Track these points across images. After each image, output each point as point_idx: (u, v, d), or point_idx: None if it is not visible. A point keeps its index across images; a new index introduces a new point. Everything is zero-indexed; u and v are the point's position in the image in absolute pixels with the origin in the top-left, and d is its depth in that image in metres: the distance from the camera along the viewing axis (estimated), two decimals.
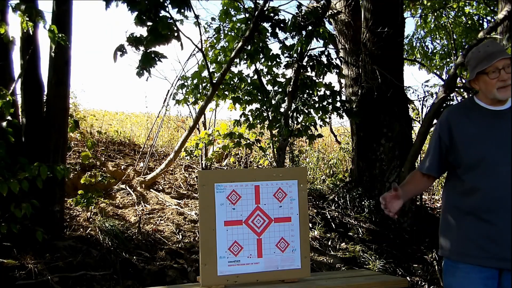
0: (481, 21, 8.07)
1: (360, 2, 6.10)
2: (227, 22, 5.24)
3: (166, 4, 3.81)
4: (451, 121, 2.05)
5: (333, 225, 5.10)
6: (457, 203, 2.03)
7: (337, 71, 5.08)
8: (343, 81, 6.62)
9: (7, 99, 3.01)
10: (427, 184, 2.22)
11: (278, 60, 5.05)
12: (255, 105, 5.33)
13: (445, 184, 2.18)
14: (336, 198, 5.66)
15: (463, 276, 1.98)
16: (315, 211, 5.30)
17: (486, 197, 1.92)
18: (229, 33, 5.12)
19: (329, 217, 5.24)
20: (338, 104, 5.14)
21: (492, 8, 7.55)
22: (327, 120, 5.46)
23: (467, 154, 1.99)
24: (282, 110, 4.87)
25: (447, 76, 6.21)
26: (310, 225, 4.89)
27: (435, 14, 8.08)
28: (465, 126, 2.02)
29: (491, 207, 1.91)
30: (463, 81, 7.34)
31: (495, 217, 1.90)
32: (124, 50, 3.80)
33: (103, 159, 5.57)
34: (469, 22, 8.13)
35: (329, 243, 4.75)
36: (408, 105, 6.08)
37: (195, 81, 5.35)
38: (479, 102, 2.05)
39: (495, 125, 1.97)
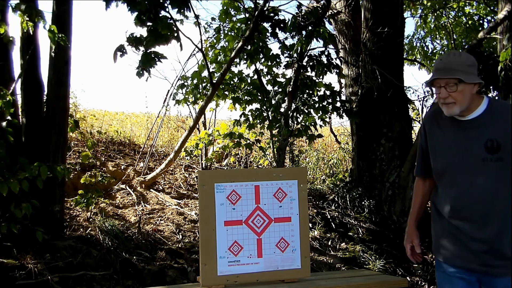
0: (481, 21, 8.07)
1: (360, 2, 6.10)
2: (227, 22, 5.24)
3: (166, 4, 3.81)
4: (426, 128, 2.11)
5: (333, 225, 5.10)
6: (438, 205, 2.09)
7: (337, 71, 5.08)
8: (343, 81, 6.62)
9: (7, 99, 3.01)
10: (427, 187, 2.24)
11: (278, 60, 5.06)
12: (255, 105, 5.33)
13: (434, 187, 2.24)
14: (336, 198, 5.66)
15: (442, 271, 2.09)
16: (315, 211, 5.30)
17: (453, 206, 1.97)
18: (229, 33, 5.12)
19: (329, 217, 5.24)
20: (338, 104, 5.15)
21: (492, 8, 7.55)
22: (327, 120, 5.46)
23: (435, 162, 2.05)
24: (282, 110, 4.87)
25: None
26: (310, 225, 4.89)
27: (435, 14, 8.08)
28: (435, 134, 2.06)
29: (459, 215, 1.96)
30: None
31: (463, 225, 1.95)
32: (124, 50, 3.80)
33: (103, 159, 5.57)
34: (469, 22, 8.14)
35: (329, 243, 4.75)
36: (408, 105, 6.07)
37: (195, 81, 5.35)
38: None
39: (460, 135, 1.97)
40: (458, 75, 1.87)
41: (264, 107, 5.06)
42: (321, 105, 5.05)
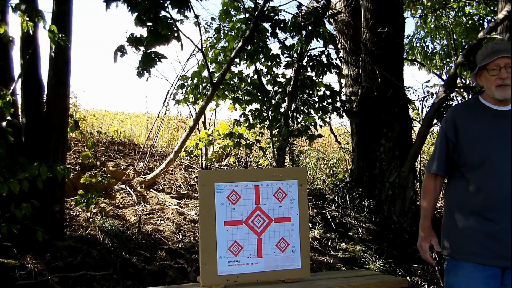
0: (481, 21, 8.06)
1: (360, 2, 6.10)
2: (227, 22, 5.24)
3: (166, 4, 3.81)
4: (456, 120, 2.06)
5: (333, 225, 5.10)
6: (461, 202, 2.04)
7: (337, 71, 5.07)
8: (343, 81, 6.62)
9: (7, 99, 3.01)
10: (440, 185, 2.21)
11: (278, 60, 5.05)
12: (255, 105, 5.33)
13: (447, 184, 2.18)
14: (336, 198, 5.66)
15: (466, 275, 1.99)
16: (315, 211, 5.30)
17: (490, 197, 1.93)
18: (229, 33, 5.12)
19: (329, 217, 5.23)
20: (338, 104, 5.14)
21: (492, 8, 7.54)
22: (327, 120, 5.46)
23: (471, 153, 2.00)
24: (282, 110, 4.87)
25: (447, 76, 6.21)
26: (310, 225, 4.89)
27: (435, 14, 8.08)
28: (470, 125, 2.03)
29: (494, 206, 1.92)
30: (463, 81, 7.34)
31: (498, 217, 1.92)
32: (124, 51, 3.80)
33: (103, 159, 5.57)
34: (469, 22, 8.13)
35: (329, 243, 4.75)
36: (408, 105, 6.07)
37: (195, 81, 5.35)
38: (484, 101, 2.06)
39: (499, 125, 1.97)
40: None
41: (264, 107, 5.06)
42: (321, 105, 5.04)
